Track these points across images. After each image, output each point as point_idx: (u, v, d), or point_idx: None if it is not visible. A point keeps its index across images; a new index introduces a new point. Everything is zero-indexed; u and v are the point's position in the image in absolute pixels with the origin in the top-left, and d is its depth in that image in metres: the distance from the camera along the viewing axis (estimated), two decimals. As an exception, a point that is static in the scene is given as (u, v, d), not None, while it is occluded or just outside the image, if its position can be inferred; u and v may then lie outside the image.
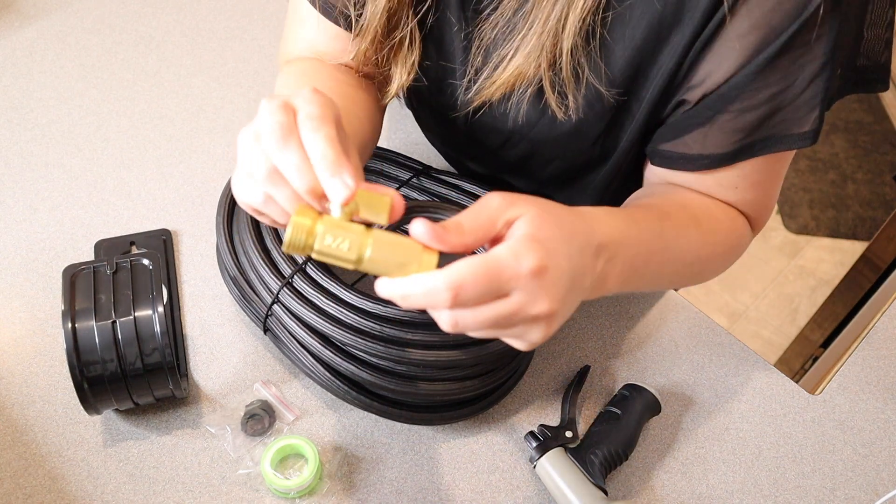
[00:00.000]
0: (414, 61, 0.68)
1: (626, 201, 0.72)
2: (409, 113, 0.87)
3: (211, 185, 0.93)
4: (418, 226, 0.46)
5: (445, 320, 0.48)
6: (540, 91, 0.64)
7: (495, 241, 0.49)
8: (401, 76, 0.68)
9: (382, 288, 0.47)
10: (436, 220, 0.47)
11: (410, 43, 0.67)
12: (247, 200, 0.51)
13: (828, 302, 1.73)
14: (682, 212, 0.66)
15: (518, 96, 0.65)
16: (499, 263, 0.46)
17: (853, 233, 2.22)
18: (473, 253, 0.48)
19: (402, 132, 0.99)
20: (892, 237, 1.62)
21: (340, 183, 0.46)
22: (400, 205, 0.48)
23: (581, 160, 0.74)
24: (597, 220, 0.55)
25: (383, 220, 0.47)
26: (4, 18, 1.10)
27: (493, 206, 0.48)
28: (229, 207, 0.80)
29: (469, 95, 0.68)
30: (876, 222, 2.23)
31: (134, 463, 0.72)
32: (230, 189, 0.80)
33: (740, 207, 0.70)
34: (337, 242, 0.45)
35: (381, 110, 0.77)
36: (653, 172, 0.71)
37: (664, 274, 0.65)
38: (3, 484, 0.70)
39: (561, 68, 0.61)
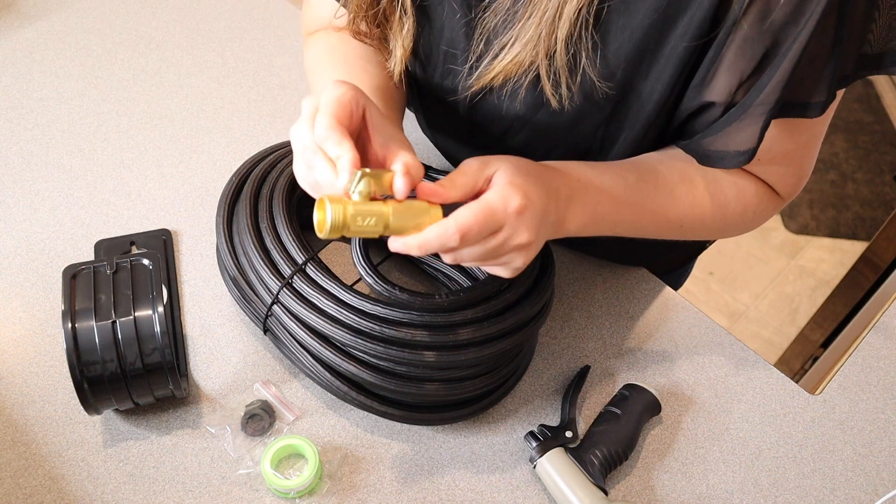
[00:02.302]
0: (408, 31, 0.70)
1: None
2: (409, 113, 0.87)
3: (211, 185, 0.93)
4: (425, 186, 0.56)
5: (450, 255, 0.58)
6: (538, 79, 0.65)
7: (478, 195, 0.59)
8: (398, 48, 0.72)
9: (395, 244, 0.56)
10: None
11: (402, 12, 0.70)
12: (301, 183, 0.60)
13: (828, 302, 1.73)
14: (672, 172, 0.70)
15: (516, 83, 0.66)
16: (493, 207, 0.56)
17: (853, 233, 2.22)
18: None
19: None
20: (892, 237, 1.62)
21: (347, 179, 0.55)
22: (409, 174, 0.56)
23: (581, 149, 0.74)
24: (558, 168, 0.65)
25: (389, 191, 0.57)
26: (4, 18, 1.10)
27: (473, 167, 0.59)
28: (229, 207, 0.80)
29: (470, 80, 0.69)
30: (876, 222, 2.23)
31: (134, 463, 0.72)
32: (230, 189, 0.80)
33: (764, 178, 0.72)
34: (366, 221, 0.56)
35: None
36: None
37: (642, 225, 0.71)
38: (3, 484, 0.70)
39: (557, 58, 0.62)
